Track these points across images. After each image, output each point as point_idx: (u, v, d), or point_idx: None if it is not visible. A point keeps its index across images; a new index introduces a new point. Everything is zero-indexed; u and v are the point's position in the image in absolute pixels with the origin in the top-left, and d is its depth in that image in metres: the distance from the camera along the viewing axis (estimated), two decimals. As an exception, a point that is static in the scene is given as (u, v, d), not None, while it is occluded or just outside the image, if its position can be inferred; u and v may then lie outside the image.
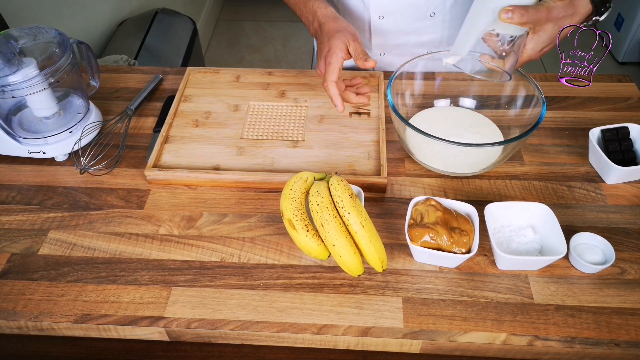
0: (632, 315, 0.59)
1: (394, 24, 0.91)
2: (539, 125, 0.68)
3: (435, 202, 0.63)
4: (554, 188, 0.73)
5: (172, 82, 0.94)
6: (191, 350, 0.70)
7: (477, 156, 0.71)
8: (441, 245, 0.60)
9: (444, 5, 0.88)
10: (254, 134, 0.81)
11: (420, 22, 0.90)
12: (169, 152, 0.78)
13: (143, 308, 0.61)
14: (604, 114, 0.84)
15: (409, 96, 0.82)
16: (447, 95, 0.83)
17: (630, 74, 0.94)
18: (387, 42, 0.95)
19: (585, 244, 0.64)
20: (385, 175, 0.72)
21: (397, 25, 0.91)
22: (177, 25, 1.83)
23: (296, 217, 0.61)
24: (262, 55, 2.55)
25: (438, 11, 0.89)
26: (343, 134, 0.80)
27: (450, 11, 0.89)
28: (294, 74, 0.92)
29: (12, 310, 0.61)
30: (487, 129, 0.79)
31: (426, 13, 0.89)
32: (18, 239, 0.68)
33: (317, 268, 0.64)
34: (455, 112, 0.82)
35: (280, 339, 0.60)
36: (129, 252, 0.66)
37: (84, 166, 0.76)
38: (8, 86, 0.69)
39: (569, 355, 0.57)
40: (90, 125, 0.79)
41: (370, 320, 0.59)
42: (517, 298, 0.60)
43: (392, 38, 0.94)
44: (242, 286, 0.62)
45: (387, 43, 0.95)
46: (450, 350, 0.59)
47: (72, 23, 1.51)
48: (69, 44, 0.75)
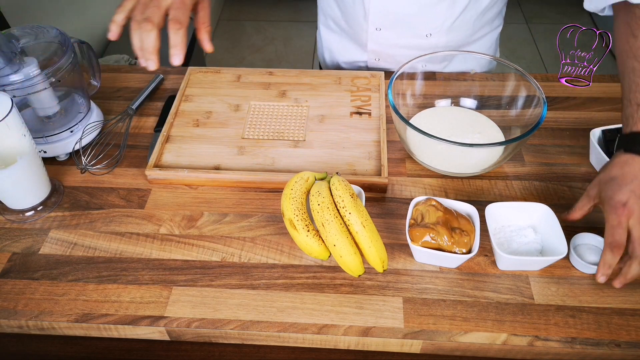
0: (633, 316, 0.59)
1: (390, 37, 0.92)
2: (540, 125, 0.68)
3: (436, 202, 0.63)
4: (555, 188, 0.73)
5: (173, 81, 0.94)
6: (192, 350, 0.70)
7: (478, 156, 0.71)
8: (442, 245, 0.60)
9: (440, 28, 0.88)
10: (254, 133, 0.81)
11: (416, 39, 0.91)
12: (170, 152, 0.78)
13: (144, 307, 0.61)
14: (605, 114, 0.84)
15: (410, 96, 0.82)
16: (448, 96, 0.83)
17: (631, 75, 0.94)
18: (382, 51, 0.96)
19: (586, 245, 0.64)
20: (386, 175, 0.72)
21: (394, 39, 0.92)
22: (178, 25, 1.83)
23: (297, 217, 0.61)
24: (263, 55, 2.55)
25: (434, 33, 0.89)
26: (344, 134, 0.80)
27: (447, 34, 0.89)
28: (295, 73, 0.92)
29: (13, 309, 0.61)
30: (488, 129, 0.78)
31: (422, 33, 0.89)
32: (19, 238, 0.68)
33: (317, 268, 0.64)
34: (456, 112, 0.82)
35: (280, 339, 0.60)
36: (130, 251, 0.67)
37: (84, 166, 0.76)
38: (9, 85, 0.69)
39: (569, 355, 0.57)
40: (91, 125, 0.79)
41: (370, 320, 0.59)
42: (517, 298, 0.60)
43: (387, 49, 0.95)
44: (242, 286, 0.63)
45: (382, 52, 0.96)
46: (450, 350, 0.59)
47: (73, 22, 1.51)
48: (70, 44, 0.75)
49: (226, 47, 2.61)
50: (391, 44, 0.93)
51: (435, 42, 0.90)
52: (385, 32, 0.91)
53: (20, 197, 0.69)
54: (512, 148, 0.69)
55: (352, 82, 0.90)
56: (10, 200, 0.70)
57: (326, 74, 0.91)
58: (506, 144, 0.68)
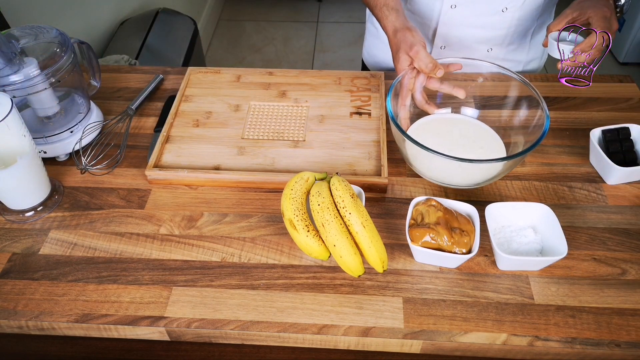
0: (633, 316, 0.59)
1: (464, 15, 0.90)
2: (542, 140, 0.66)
3: (436, 203, 0.63)
4: (555, 188, 0.73)
5: (173, 82, 0.94)
6: (192, 350, 0.70)
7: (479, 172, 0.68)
8: (442, 245, 0.60)
9: (517, 1, 0.87)
10: (254, 134, 0.81)
11: (490, 16, 0.90)
12: (170, 152, 0.78)
13: (144, 308, 0.61)
14: (605, 115, 0.84)
15: (410, 104, 0.79)
16: (448, 100, 0.81)
17: (631, 75, 0.94)
18: (452, 34, 0.94)
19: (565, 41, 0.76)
20: (386, 176, 0.72)
21: (467, 17, 0.90)
22: (178, 25, 1.83)
23: (297, 217, 0.61)
24: (263, 55, 2.55)
25: (510, 7, 0.88)
26: (344, 134, 0.80)
27: (521, 8, 0.88)
28: (295, 74, 0.92)
29: (13, 309, 0.61)
30: (490, 143, 0.76)
31: (498, 7, 0.88)
32: (19, 239, 0.68)
33: (317, 268, 0.64)
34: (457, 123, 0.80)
35: (280, 339, 0.60)
36: (130, 251, 0.67)
37: (84, 166, 0.76)
38: (9, 86, 0.69)
39: (569, 355, 0.57)
40: (91, 125, 0.79)
41: (370, 321, 0.59)
42: (517, 298, 0.60)
43: (457, 30, 0.93)
44: (242, 286, 0.63)
45: (452, 35, 0.94)
46: (450, 350, 0.59)
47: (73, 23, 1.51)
48: (70, 44, 0.75)
49: (226, 47, 2.61)
50: (463, 24, 0.91)
51: (509, 17, 0.89)
52: (461, 9, 0.89)
53: (20, 197, 0.69)
54: (511, 164, 0.66)
55: (352, 82, 0.90)
56: (10, 201, 0.70)
57: (326, 74, 0.91)
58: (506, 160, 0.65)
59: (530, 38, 0.96)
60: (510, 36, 0.92)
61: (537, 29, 0.96)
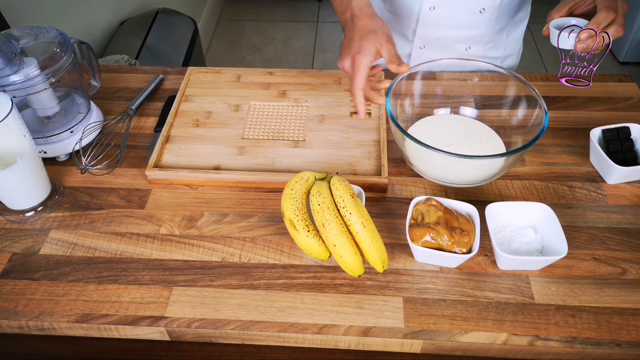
0: (633, 316, 0.59)
1: (442, 16, 0.91)
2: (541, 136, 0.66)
3: (436, 202, 0.63)
4: (555, 188, 0.73)
5: (173, 82, 0.94)
6: (192, 350, 0.70)
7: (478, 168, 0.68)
8: (442, 245, 0.60)
9: (494, 2, 0.88)
10: (254, 133, 0.81)
11: (469, 16, 0.90)
12: (170, 152, 0.78)
13: (144, 308, 0.61)
14: (605, 114, 0.84)
15: (409, 105, 0.80)
16: (447, 100, 0.82)
17: (631, 74, 0.94)
18: (431, 35, 0.94)
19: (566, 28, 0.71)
20: (386, 175, 0.72)
21: (446, 18, 0.91)
22: (178, 25, 1.83)
23: (297, 217, 0.61)
24: (263, 55, 2.55)
25: (488, 7, 0.88)
26: (344, 134, 0.80)
27: (499, 8, 0.89)
28: (295, 73, 0.92)
29: (13, 309, 0.61)
30: (489, 140, 0.76)
31: (476, 8, 0.89)
32: (19, 239, 0.68)
33: (317, 268, 0.64)
34: (457, 123, 0.80)
35: (281, 339, 0.60)
36: (130, 251, 0.67)
37: (85, 166, 0.76)
38: (9, 86, 0.69)
39: (569, 355, 0.57)
40: (91, 125, 0.79)
41: (371, 320, 0.59)
42: (517, 298, 0.60)
43: (436, 30, 0.93)
44: (242, 286, 0.63)
45: (431, 35, 0.94)
46: (451, 350, 0.59)
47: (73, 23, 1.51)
48: (70, 44, 0.75)
49: (226, 47, 2.61)
50: (443, 24, 0.92)
51: (487, 18, 0.90)
52: (440, 10, 0.89)
53: (21, 197, 0.69)
54: (512, 160, 0.67)
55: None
56: (11, 201, 0.70)
57: (326, 74, 0.91)
58: (507, 156, 0.65)
59: (506, 35, 0.96)
60: (488, 35, 0.93)
61: (512, 27, 0.96)
